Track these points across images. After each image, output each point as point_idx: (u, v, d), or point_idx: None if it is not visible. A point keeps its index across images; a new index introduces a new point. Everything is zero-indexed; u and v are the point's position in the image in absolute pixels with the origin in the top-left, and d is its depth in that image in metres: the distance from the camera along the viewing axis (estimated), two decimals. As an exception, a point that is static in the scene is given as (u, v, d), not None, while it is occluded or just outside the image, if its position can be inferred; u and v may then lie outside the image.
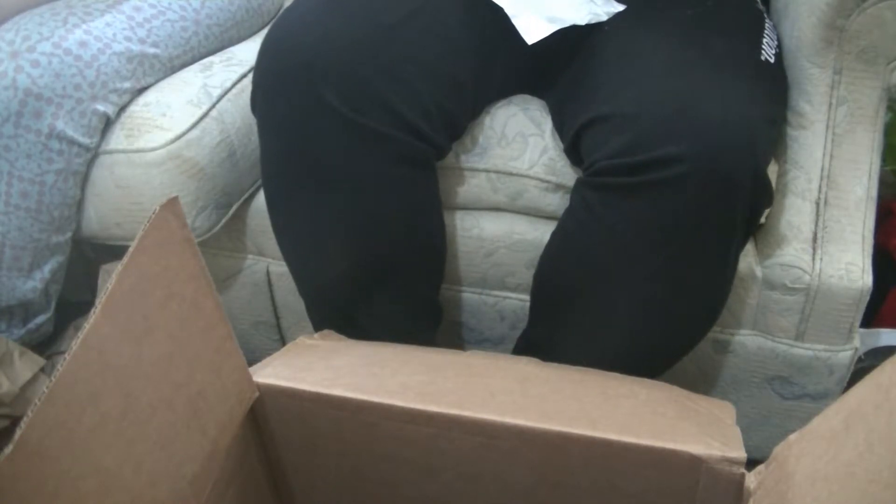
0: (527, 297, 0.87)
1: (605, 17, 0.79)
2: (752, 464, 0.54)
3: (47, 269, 0.90)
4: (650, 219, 0.69)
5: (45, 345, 0.97)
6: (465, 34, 0.80)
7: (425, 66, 0.76)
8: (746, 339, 0.88)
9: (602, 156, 0.71)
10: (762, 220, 0.79)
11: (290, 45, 0.73)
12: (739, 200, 0.69)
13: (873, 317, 1.05)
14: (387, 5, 0.76)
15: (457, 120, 0.81)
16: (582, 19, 0.77)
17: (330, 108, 0.72)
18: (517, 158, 0.85)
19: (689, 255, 0.71)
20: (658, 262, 0.71)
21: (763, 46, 0.79)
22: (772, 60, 0.79)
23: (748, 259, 0.83)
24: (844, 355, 0.86)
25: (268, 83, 0.75)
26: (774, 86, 0.80)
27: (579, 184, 0.75)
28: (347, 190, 0.75)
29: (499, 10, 0.78)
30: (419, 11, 0.78)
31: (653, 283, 0.73)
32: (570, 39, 0.80)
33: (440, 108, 0.77)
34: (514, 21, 0.75)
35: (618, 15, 0.81)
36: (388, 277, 0.81)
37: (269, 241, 0.96)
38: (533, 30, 0.75)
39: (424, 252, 0.82)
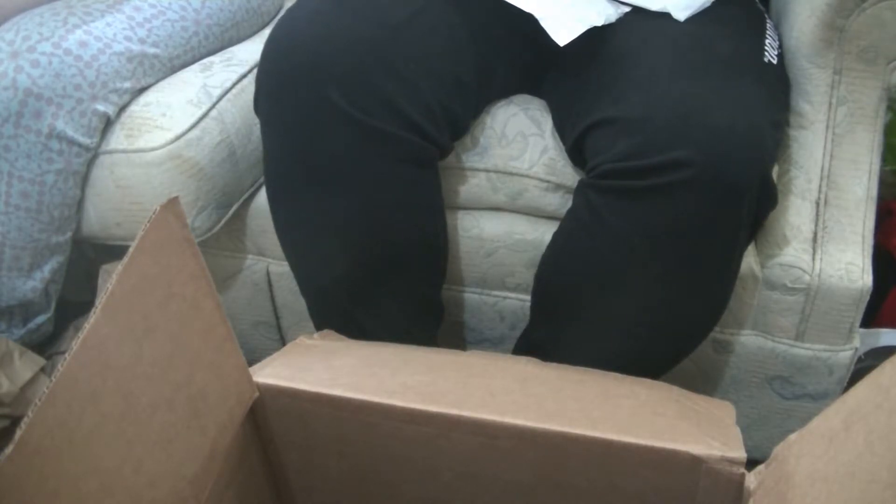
0: (527, 297, 0.87)
1: (615, 19, 0.79)
2: (752, 464, 0.54)
3: (47, 269, 0.90)
4: (655, 222, 0.69)
5: (45, 345, 0.97)
6: (467, 34, 0.80)
7: (429, 66, 0.76)
8: (746, 339, 0.88)
9: (608, 158, 0.70)
10: (762, 220, 0.79)
11: (295, 45, 0.73)
12: (745, 205, 0.69)
13: (873, 317, 1.05)
14: (390, 5, 0.77)
15: (459, 119, 0.81)
16: (600, 20, 0.77)
17: (334, 108, 0.72)
18: (517, 158, 0.85)
19: (694, 258, 0.71)
20: (662, 264, 0.71)
21: (766, 48, 0.79)
22: (774, 62, 0.79)
23: (748, 259, 0.83)
24: (844, 355, 0.86)
25: (272, 83, 0.75)
26: (778, 88, 0.80)
27: (583, 185, 0.75)
28: (351, 189, 0.75)
29: (501, 10, 0.78)
30: (422, 11, 0.78)
31: (656, 286, 0.73)
32: (572, 40, 0.80)
33: (443, 108, 0.77)
34: (543, 23, 0.75)
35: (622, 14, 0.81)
36: (390, 277, 0.81)
37: (269, 241, 0.96)
38: (563, 31, 0.75)
39: (427, 251, 0.82)
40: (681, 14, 0.79)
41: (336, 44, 0.72)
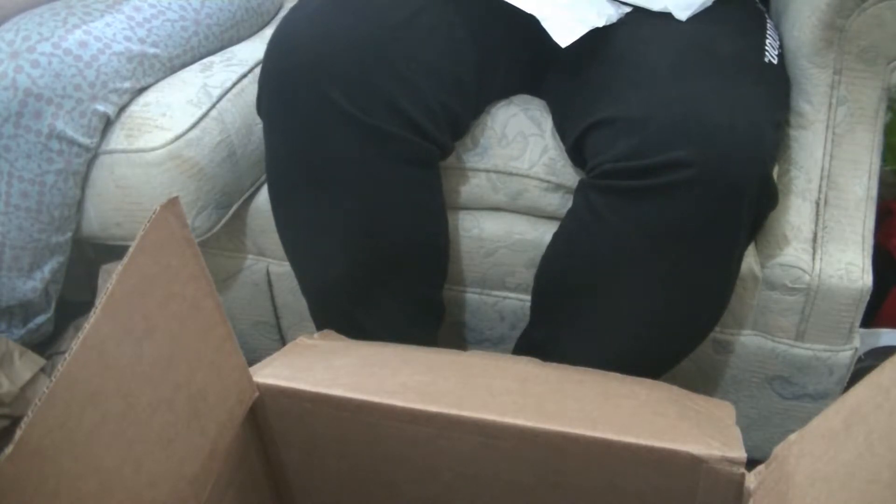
0: (527, 297, 0.87)
1: (616, 19, 0.79)
2: (752, 464, 0.54)
3: (47, 269, 0.90)
4: (656, 222, 0.69)
5: (45, 345, 0.97)
6: (467, 34, 0.80)
7: (430, 66, 0.76)
8: (746, 339, 0.88)
9: (608, 158, 0.71)
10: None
11: (296, 45, 0.73)
12: (746, 205, 0.69)
13: (873, 317, 1.05)
14: (391, 5, 0.77)
15: (460, 119, 0.81)
16: (601, 21, 0.77)
17: (336, 108, 0.72)
18: (517, 158, 0.85)
19: (694, 258, 0.71)
20: (662, 264, 0.71)
21: (766, 48, 0.79)
22: (774, 62, 0.79)
23: (748, 259, 0.83)
24: (844, 355, 0.86)
25: (274, 83, 0.75)
26: (778, 88, 0.80)
27: (583, 185, 0.75)
28: (352, 189, 0.75)
29: (501, 10, 0.78)
30: (423, 11, 0.78)
31: (656, 286, 0.73)
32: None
33: (444, 108, 0.77)
34: (545, 24, 0.75)
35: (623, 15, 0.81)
36: (391, 277, 0.81)
37: (269, 241, 0.96)
38: (565, 32, 0.75)
39: (428, 251, 0.82)
40: (682, 14, 0.79)
41: (337, 44, 0.72)
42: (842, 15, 0.75)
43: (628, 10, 0.81)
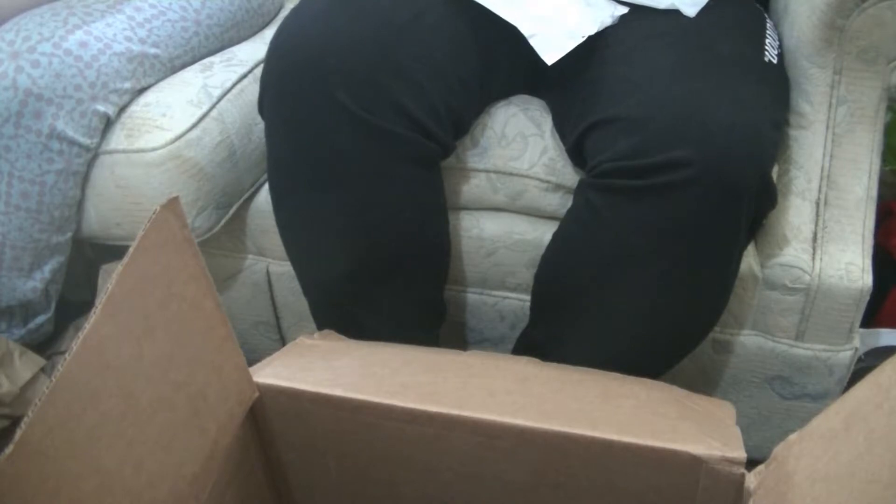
0: (527, 297, 0.87)
1: (610, 21, 0.79)
2: (752, 464, 0.54)
3: (47, 269, 0.90)
4: (655, 221, 0.70)
5: (45, 345, 0.97)
6: (469, 35, 0.80)
7: (434, 66, 0.76)
8: (746, 339, 0.88)
9: (608, 158, 0.71)
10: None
11: (300, 44, 0.73)
12: (745, 204, 0.69)
13: (873, 317, 1.05)
14: (395, 5, 0.77)
15: (463, 119, 0.81)
16: (593, 29, 0.77)
17: (340, 107, 0.72)
18: (517, 158, 0.85)
19: (693, 257, 0.71)
20: (662, 264, 0.71)
21: (766, 47, 0.79)
22: (774, 61, 0.79)
23: (748, 259, 0.83)
24: (844, 355, 0.86)
25: (277, 82, 0.75)
26: (778, 88, 0.80)
27: (583, 185, 0.76)
28: (355, 188, 0.75)
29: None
30: (426, 11, 0.78)
31: (656, 285, 0.73)
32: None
33: (447, 108, 0.77)
34: (532, 42, 0.75)
35: (620, 16, 0.81)
36: (393, 276, 0.81)
37: (269, 241, 0.96)
38: (551, 49, 0.75)
39: (430, 251, 0.82)
40: (690, 10, 0.79)
41: (342, 43, 0.72)
42: (842, 15, 0.75)
43: (625, 10, 0.81)
